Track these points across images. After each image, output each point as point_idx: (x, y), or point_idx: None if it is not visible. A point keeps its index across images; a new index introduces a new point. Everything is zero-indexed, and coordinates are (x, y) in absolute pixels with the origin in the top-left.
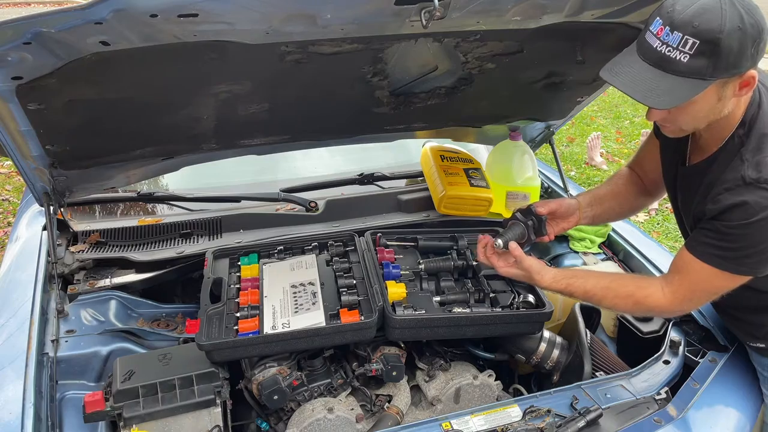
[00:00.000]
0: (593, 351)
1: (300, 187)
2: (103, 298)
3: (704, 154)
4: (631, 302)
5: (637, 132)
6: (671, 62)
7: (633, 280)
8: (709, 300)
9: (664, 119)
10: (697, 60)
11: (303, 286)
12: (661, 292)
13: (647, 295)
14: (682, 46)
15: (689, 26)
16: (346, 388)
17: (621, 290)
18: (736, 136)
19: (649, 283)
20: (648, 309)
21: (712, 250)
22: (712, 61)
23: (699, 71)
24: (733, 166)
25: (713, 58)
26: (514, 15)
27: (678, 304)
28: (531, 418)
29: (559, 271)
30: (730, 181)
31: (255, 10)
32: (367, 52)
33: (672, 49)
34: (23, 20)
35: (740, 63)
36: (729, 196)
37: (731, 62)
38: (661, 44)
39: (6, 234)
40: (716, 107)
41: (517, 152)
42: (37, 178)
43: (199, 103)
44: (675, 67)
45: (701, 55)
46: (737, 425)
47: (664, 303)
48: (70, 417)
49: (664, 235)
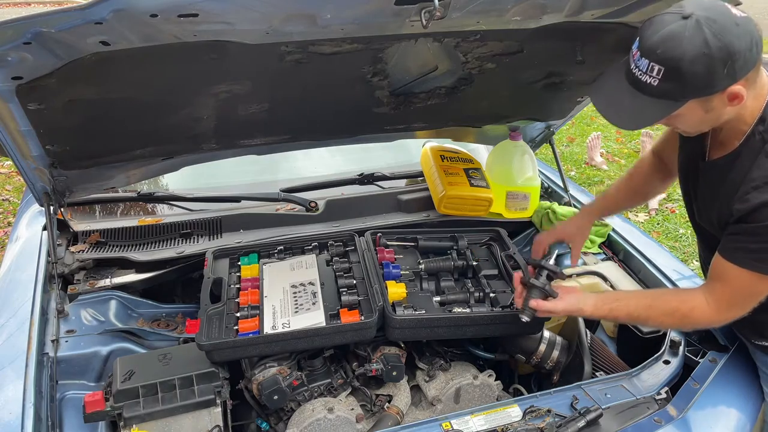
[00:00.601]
0: (593, 351)
1: (300, 187)
2: (103, 298)
3: (725, 150)
4: (678, 317)
5: (637, 132)
6: (643, 85)
7: (675, 294)
8: (755, 303)
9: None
10: (666, 84)
11: (303, 286)
12: (706, 303)
13: (692, 308)
14: (650, 72)
15: (654, 53)
16: (346, 388)
17: (665, 307)
18: (756, 132)
19: (692, 296)
20: (695, 322)
21: (747, 254)
22: (680, 85)
23: (669, 94)
24: (759, 164)
25: (680, 82)
26: (514, 15)
27: (725, 312)
28: (531, 418)
29: (599, 297)
30: (757, 179)
31: (255, 10)
32: (367, 52)
33: (642, 73)
34: (23, 20)
35: (712, 84)
36: (758, 195)
37: (700, 85)
38: (635, 67)
39: (6, 234)
40: (708, 117)
41: (517, 152)
42: (37, 178)
43: (199, 103)
44: (647, 90)
45: (668, 79)
46: (737, 425)
47: (711, 314)
48: (70, 417)
49: (664, 235)
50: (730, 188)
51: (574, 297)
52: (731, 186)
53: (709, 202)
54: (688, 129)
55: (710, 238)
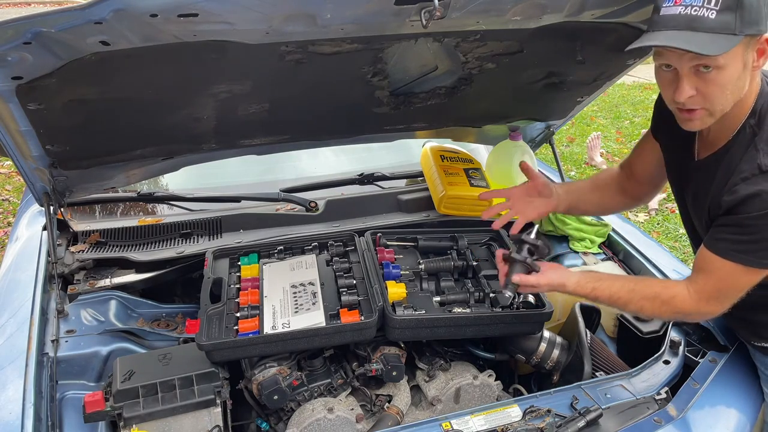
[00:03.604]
0: (593, 351)
1: (300, 187)
2: (103, 298)
3: (714, 148)
4: (658, 303)
5: (637, 132)
6: (701, 20)
7: (658, 282)
8: (737, 298)
9: (692, 99)
10: (725, 15)
11: (303, 286)
12: (687, 292)
13: (673, 296)
14: (707, 3)
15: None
16: (346, 388)
17: (647, 291)
18: (747, 126)
19: (675, 284)
20: (676, 310)
21: (732, 246)
22: (738, 15)
23: (728, 26)
24: (748, 156)
25: (739, 11)
26: (514, 15)
27: (705, 304)
28: (531, 418)
29: (583, 274)
30: (746, 171)
31: (255, 10)
32: (367, 52)
33: (698, 7)
34: (23, 20)
35: (760, 20)
36: (746, 186)
37: (754, 17)
38: (685, 8)
39: (6, 234)
40: (741, 78)
41: (517, 152)
42: (37, 178)
43: (199, 103)
44: (705, 24)
45: (727, 9)
46: (737, 425)
47: (691, 303)
48: (70, 417)
49: (664, 235)
50: (720, 182)
51: (557, 272)
52: (721, 180)
53: (702, 201)
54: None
55: None
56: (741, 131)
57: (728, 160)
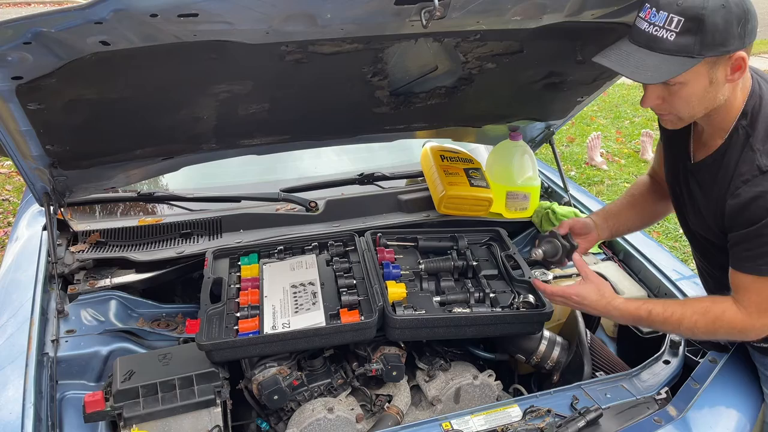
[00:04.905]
0: (593, 351)
1: (300, 187)
2: (103, 298)
3: (709, 149)
4: (711, 318)
5: (637, 132)
6: (659, 41)
7: (706, 297)
8: None
9: (658, 106)
10: (684, 38)
11: (303, 286)
12: (735, 307)
13: (724, 310)
14: (667, 25)
15: (673, 5)
16: (346, 388)
17: (698, 306)
18: (740, 127)
19: (723, 299)
20: (728, 325)
21: (756, 261)
22: (698, 38)
23: (686, 48)
24: (745, 158)
25: (699, 35)
26: (514, 15)
27: (756, 317)
28: (531, 418)
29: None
30: (745, 173)
31: (255, 10)
32: (367, 52)
33: (659, 28)
34: (23, 20)
35: (727, 41)
36: (748, 189)
37: (718, 40)
38: (649, 25)
39: (6, 234)
40: (709, 91)
41: (517, 152)
42: (37, 178)
43: (199, 103)
44: (663, 46)
45: (687, 32)
46: (737, 425)
47: (743, 318)
48: (70, 417)
49: (664, 235)
50: (721, 186)
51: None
52: (722, 184)
53: (704, 205)
54: (684, 108)
55: (704, 245)
56: (734, 133)
57: (726, 162)
